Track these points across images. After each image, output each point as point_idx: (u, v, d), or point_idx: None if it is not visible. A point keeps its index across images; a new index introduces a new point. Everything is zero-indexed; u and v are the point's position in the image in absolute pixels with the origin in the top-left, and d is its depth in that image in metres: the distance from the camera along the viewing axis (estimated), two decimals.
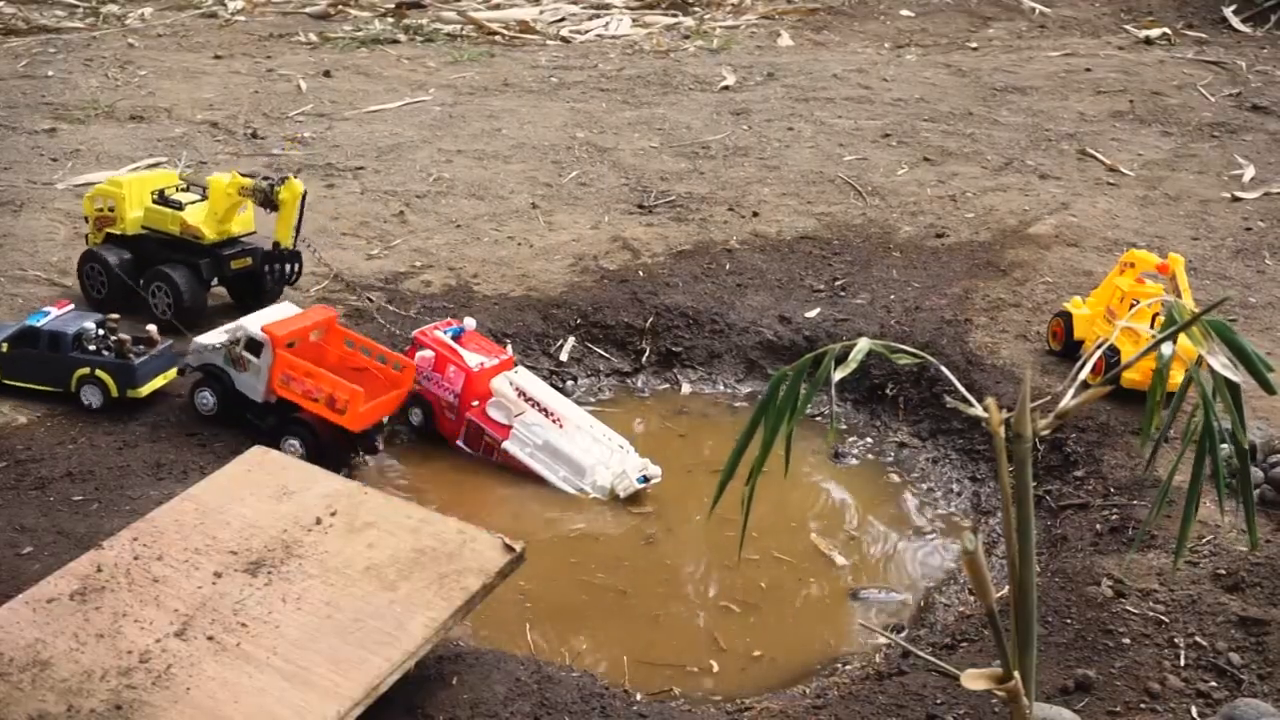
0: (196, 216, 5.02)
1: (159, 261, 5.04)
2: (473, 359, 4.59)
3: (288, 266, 5.10)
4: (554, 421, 4.48)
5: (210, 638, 2.87)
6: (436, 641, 2.94)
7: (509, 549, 3.13)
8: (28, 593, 3.04)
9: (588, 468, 4.37)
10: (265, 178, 5.03)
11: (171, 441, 4.20)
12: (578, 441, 4.44)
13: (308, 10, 11.03)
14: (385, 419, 4.53)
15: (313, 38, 10.11)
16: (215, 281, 5.14)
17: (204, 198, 5.07)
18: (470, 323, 4.80)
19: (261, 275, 5.12)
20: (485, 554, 3.12)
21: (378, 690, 2.76)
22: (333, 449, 4.32)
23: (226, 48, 9.66)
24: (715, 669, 3.63)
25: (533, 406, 4.52)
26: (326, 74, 8.86)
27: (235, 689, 2.73)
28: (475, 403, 4.56)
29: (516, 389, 4.56)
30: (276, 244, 5.05)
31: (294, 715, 2.66)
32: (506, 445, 4.49)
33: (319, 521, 3.26)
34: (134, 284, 4.97)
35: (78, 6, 10.92)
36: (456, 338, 4.69)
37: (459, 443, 4.63)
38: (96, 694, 2.72)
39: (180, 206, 5.04)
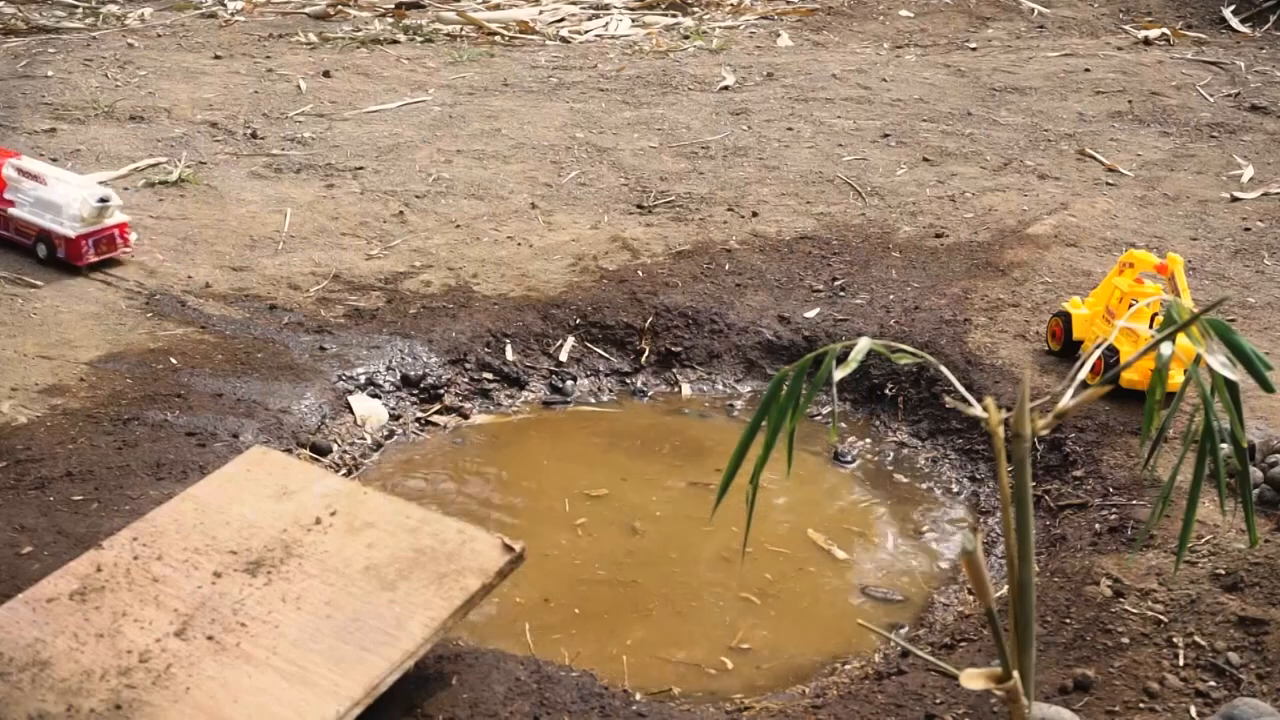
0: None
1: None
2: None
3: None
4: (40, 182, 5.42)
5: (210, 637, 2.88)
6: (436, 641, 2.94)
7: (509, 549, 3.14)
8: (27, 592, 3.04)
9: (63, 205, 5.28)
10: None
11: (171, 441, 4.20)
12: (57, 190, 5.36)
13: (307, 10, 11.01)
14: None
15: (312, 38, 10.10)
16: None
17: None
18: None
19: None
20: (485, 554, 3.13)
21: (377, 690, 2.77)
22: None
23: (226, 48, 9.65)
24: (715, 668, 3.63)
25: (29, 179, 5.44)
26: (326, 74, 8.85)
27: (235, 689, 2.73)
28: None
29: (18, 170, 5.46)
30: None
31: (294, 715, 2.66)
32: (12, 212, 5.42)
33: (319, 521, 3.26)
34: None
35: (77, 6, 10.91)
36: None
37: None
38: (96, 694, 2.72)
39: None
